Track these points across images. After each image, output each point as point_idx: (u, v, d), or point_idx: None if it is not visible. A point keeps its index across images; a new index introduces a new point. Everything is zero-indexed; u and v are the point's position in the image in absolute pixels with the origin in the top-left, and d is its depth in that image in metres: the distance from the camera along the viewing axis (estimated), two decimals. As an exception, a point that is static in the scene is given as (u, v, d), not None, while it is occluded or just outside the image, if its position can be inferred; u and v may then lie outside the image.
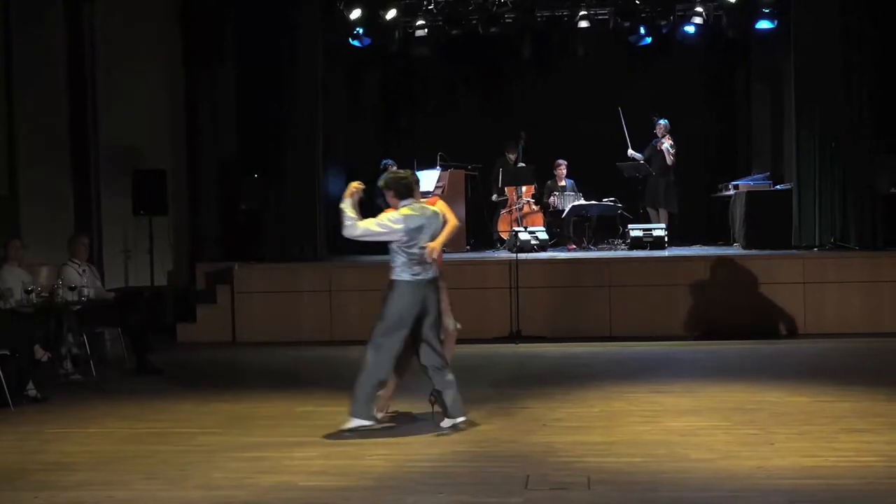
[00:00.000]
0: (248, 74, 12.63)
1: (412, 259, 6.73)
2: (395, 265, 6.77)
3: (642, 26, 13.92)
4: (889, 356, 9.66)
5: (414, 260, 6.73)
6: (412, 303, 6.76)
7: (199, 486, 5.62)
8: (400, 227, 6.71)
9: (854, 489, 5.30)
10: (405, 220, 6.73)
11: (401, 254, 6.74)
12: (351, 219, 6.69)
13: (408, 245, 6.73)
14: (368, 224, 6.71)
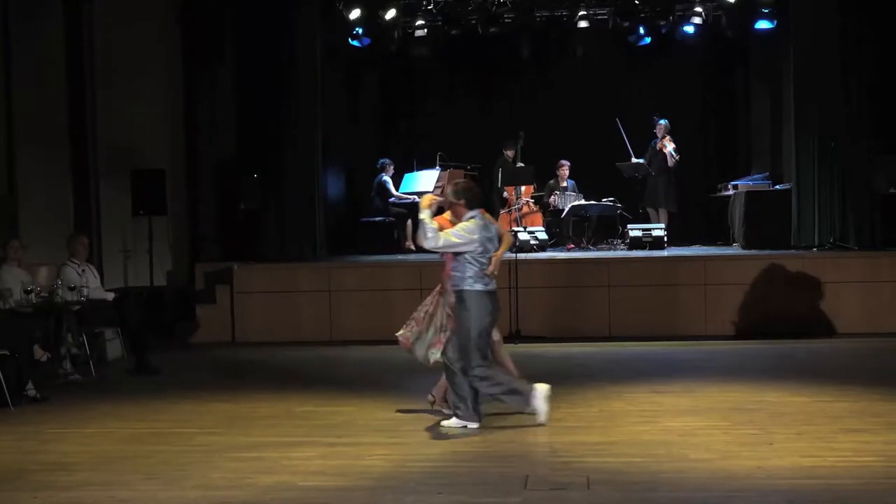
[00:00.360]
0: (248, 74, 12.63)
1: (483, 269, 6.81)
2: (466, 276, 6.80)
3: (641, 26, 13.95)
4: (888, 356, 9.66)
5: (485, 269, 6.82)
6: (489, 311, 6.86)
7: (198, 486, 5.62)
8: (476, 238, 6.78)
9: (852, 489, 5.30)
10: (480, 230, 6.81)
11: (474, 264, 6.79)
12: (433, 230, 6.72)
13: (481, 255, 6.80)
14: (448, 236, 6.76)
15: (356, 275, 11.66)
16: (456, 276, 6.85)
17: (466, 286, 6.80)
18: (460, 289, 6.82)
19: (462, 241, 6.76)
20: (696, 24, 13.57)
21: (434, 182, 13.68)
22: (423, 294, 11.26)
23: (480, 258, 6.80)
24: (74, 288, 9.13)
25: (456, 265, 6.85)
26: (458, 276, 6.84)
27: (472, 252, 6.76)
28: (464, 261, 6.80)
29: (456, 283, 6.85)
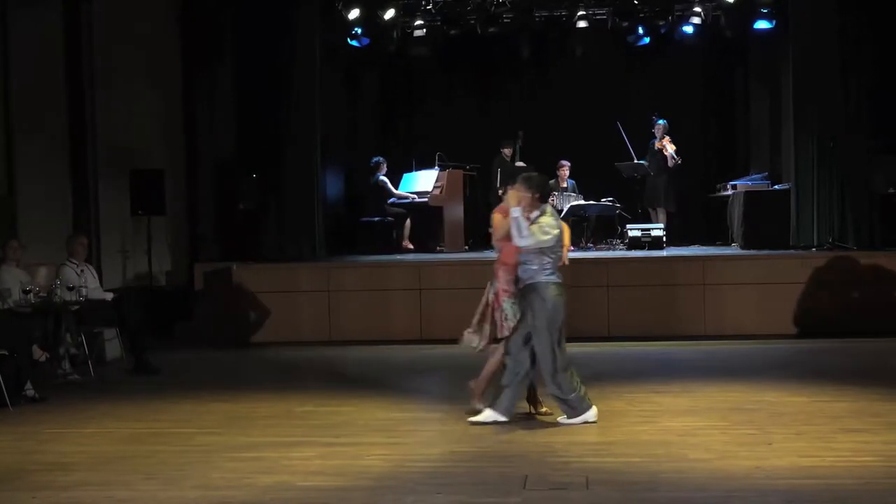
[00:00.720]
0: (247, 74, 12.63)
1: (556, 262, 6.80)
2: (544, 268, 6.74)
3: (641, 26, 13.95)
4: (887, 356, 9.66)
5: (556, 263, 6.80)
6: (563, 304, 6.82)
7: (197, 486, 5.62)
8: (557, 233, 6.77)
9: (851, 489, 5.30)
10: (557, 223, 6.81)
11: (549, 256, 6.75)
12: (527, 228, 6.66)
13: (555, 249, 6.79)
14: (537, 233, 6.69)
15: (355, 275, 11.66)
16: (530, 268, 6.76)
17: (543, 278, 6.74)
18: (535, 281, 6.75)
19: (549, 237, 6.71)
20: (695, 24, 13.58)
21: (433, 182, 13.69)
22: (423, 294, 11.40)
23: (557, 250, 6.79)
24: (73, 288, 9.13)
25: (528, 258, 6.75)
26: (532, 269, 6.76)
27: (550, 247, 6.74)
28: (539, 252, 6.73)
29: (530, 275, 6.76)
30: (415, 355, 10.37)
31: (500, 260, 7.03)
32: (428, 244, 13.73)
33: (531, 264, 6.76)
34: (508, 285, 6.94)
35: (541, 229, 6.71)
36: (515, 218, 6.68)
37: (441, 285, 11.42)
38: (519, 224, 6.65)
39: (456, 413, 7.46)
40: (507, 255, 6.93)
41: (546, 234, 6.70)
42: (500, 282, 6.97)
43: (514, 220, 6.68)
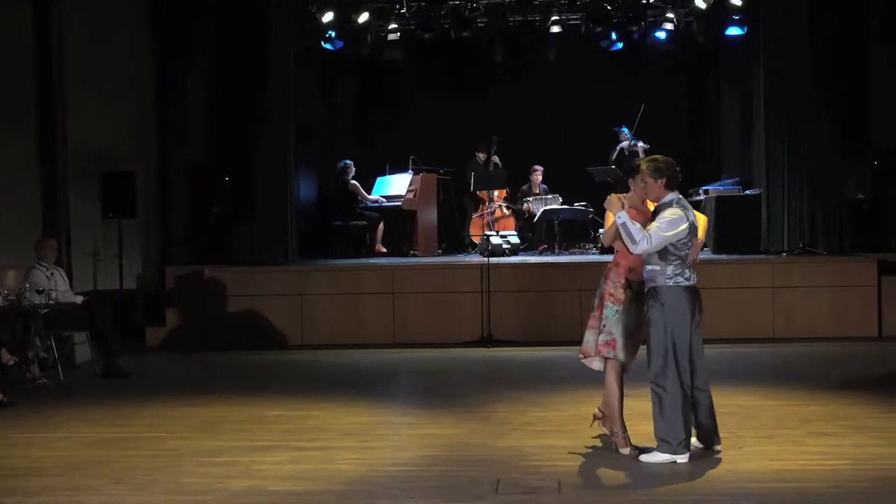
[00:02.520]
0: (220, 76, 12.58)
1: (685, 260, 5.85)
2: (667, 269, 5.83)
3: (614, 32, 14.02)
4: (856, 360, 9.75)
5: (685, 261, 5.86)
6: (691, 310, 5.87)
7: (167, 490, 5.58)
8: (685, 227, 5.81)
9: (821, 492, 5.34)
10: (687, 214, 5.84)
11: (675, 254, 5.81)
12: (640, 231, 5.75)
13: (685, 245, 5.85)
14: (658, 232, 5.75)
15: (328, 279, 11.63)
16: (653, 269, 5.86)
17: (667, 282, 5.83)
18: (657, 285, 5.84)
19: (673, 232, 5.75)
20: (667, 29, 13.66)
21: (407, 186, 13.68)
22: (396, 298, 11.39)
23: (684, 247, 5.82)
24: (43, 291, 9.04)
25: (653, 258, 5.84)
26: (654, 270, 5.85)
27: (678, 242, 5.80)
28: (664, 253, 5.80)
29: (652, 278, 5.87)
30: (387, 359, 10.35)
31: (614, 258, 6.22)
32: (401, 248, 13.73)
33: (653, 264, 5.86)
34: (616, 289, 6.10)
35: (661, 227, 5.75)
36: (622, 224, 5.78)
37: (414, 289, 11.42)
38: (628, 230, 5.75)
39: (428, 417, 7.46)
40: (621, 254, 6.09)
41: (669, 230, 5.74)
42: (608, 285, 6.16)
43: (622, 226, 5.78)
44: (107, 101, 12.42)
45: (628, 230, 5.76)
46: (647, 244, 5.73)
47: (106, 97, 12.40)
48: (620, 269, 6.14)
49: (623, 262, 6.12)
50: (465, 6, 13.65)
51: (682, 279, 5.85)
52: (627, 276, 6.11)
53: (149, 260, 12.74)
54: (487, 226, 13.54)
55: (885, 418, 7.07)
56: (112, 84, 12.46)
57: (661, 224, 5.78)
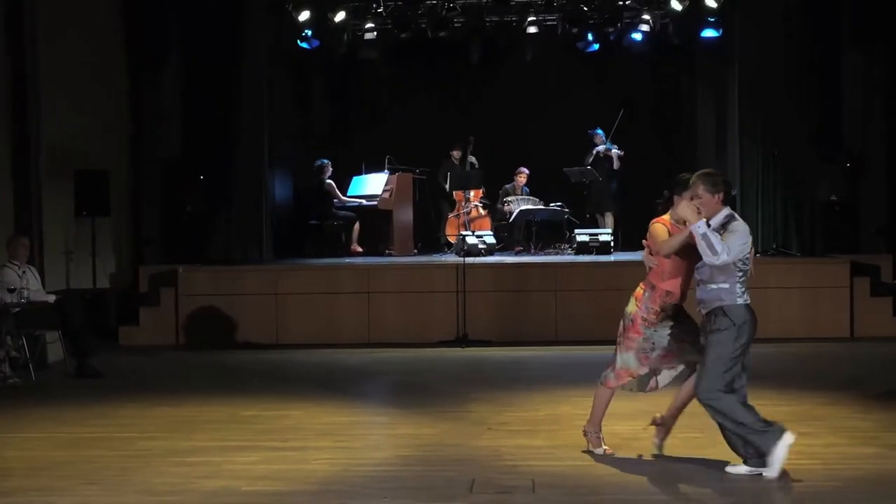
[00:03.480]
0: (194, 74, 12.51)
1: (744, 277, 5.66)
2: (736, 287, 5.61)
3: (590, 33, 14.05)
4: (827, 360, 9.83)
5: (745, 278, 5.68)
6: (751, 333, 5.68)
7: (139, 491, 5.54)
8: (749, 241, 5.67)
9: (794, 491, 5.38)
10: (747, 230, 5.68)
11: (739, 271, 5.62)
12: (721, 242, 5.51)
13: (748, 260, 5.68)
14: (732, 244, 5.53)
15: (303, 278, 11.59)
16: (719, 288, 5.61)
17: (737, 300, 5.61)
18: (726, 304, 5.60)
19: (744, 244, 5.60)
20: (643, 31, 13.71)
21: (383, 185, 13.67)
22: (371, 298, 11.37)
23: (747, 262, 5.65)
24: (14, 290, 8.96)
25: (713, 275, 5.61)
26: (721, 289, 5.60)
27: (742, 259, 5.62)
28: (730, 269, 5.58)
29: (718, 297, 5.62)
30: (363, 359, 10.33)
31: (647, 280, 6.00)
32: (377, 248, 13.71)
33: (721, 283, 5.61)
34: (651, 314, 5.95)
35: (740, 237, 5.57)
36: (703, 234, 5.50)
37: (390, 289, 11.41)
38: (710, 240, 5.49)
39: (403, 417, 7.46)
40: (659, 276, 5.91)
41: (742, 241, 5.56)
42: (641, 308, 5.98)
43: (702, 236, 5.50)
44: (80, 98, 12.32)
45: (710, 240, 5.50)
46: (728, 255, 5.51)
47: (79, 95, 12.30)
48: (658, 293, 5.95)
49: (660, 284, 5.94)
50: (442, 6, 13.65)
51: (748, 296, 5.69)
52: (665, 300, 5.96)
53: (122, 259, 12.65)
54: (463, 226, 13.54)
55: (857, 418, 7.13)
56: (85, 82, 12.35)
57: (734, 237, 5.57)
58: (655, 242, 5.89)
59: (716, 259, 5.51)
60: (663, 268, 5.92)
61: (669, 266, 5.90)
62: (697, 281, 5.78)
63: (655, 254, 5.92)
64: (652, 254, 5.98)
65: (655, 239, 5.89)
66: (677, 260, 5.86)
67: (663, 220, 5.99)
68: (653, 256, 5.97)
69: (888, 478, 5.61)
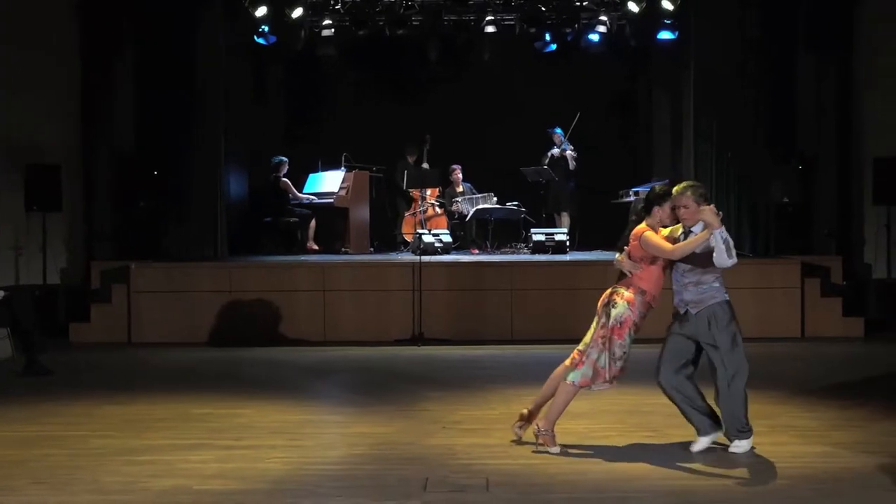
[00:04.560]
0: (149, 69, 12.37)
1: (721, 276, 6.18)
2: (720, 285, 6.15)
3: (548, 33, 14.11)
4: (778, 360, 9.95)
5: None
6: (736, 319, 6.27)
7: (89, 490, 5.47)
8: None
9: (743, 489, 5.44)
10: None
11: (718, 271, 6.11)
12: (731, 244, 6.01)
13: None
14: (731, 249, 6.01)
15: (258, 275, 11.51)
16: (711, 287, 6.11)
17: (725, 296, 6.18)
18: (719, 301, 6.14)
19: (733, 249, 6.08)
20: (600, 32, 13.78)
21: (339, 183, 13.62)
22: (327, 296, 11.33)
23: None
24: (-38, 286, 8.80)
25: (707, 277, 6.08)
26: (714, 287, 6.11)
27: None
28: (712, 271, 6.08)
29: (711, 296, 6.11)
30: (318, 357, 10.29)
31: (633, 285, 6.15)
32: (333, 245, 13.66)
33: (711, 282, 6.10)
34: (640, 319, 6.20)
35: (729, 244, 6.03)
36: (726, 239, 5.96)
37: (345, 287, 11.37)
38: (730, 244, 5.97)
39: (358, 416, 7.44)
40: (644, 281, 6.13)
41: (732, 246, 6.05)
42: (634, 313, 6.14)
43: (726, 241, 5.94)
44: (31, 91, 12.16)
45: (729, 245, 5.96)
46: (734, 259, 6.01)
47: (30, 88, 12.14)
48: (647, 298, 6.17)
49: (649, 289, 6.15)
50: (400, 4, 13.63)
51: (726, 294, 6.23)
52: (651, 305, 6.21)
53: (73, 255, 12.48)
54: (420, 224, 13.54)
55: (806, 417, 7.23)
56: (37, 74, 12.20)
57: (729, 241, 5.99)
58: (658, 248, 6.06)
59: (731, 262, 5.98)
60: (651, 274, 6.12)
61: (657, 272, 6.13)
62: (685, 284, 6.14)
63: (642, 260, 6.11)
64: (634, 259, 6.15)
65: (657, 245, 6.07)
66: (662, 267, 6.15)
67: (646, 228, 6.16)
68: (638, 263, 6.14)
69: (836, 476, 5.70)
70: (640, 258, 6.14)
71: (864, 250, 12.58)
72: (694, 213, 6.01)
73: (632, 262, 6.18)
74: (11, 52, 12.05)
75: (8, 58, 12.05)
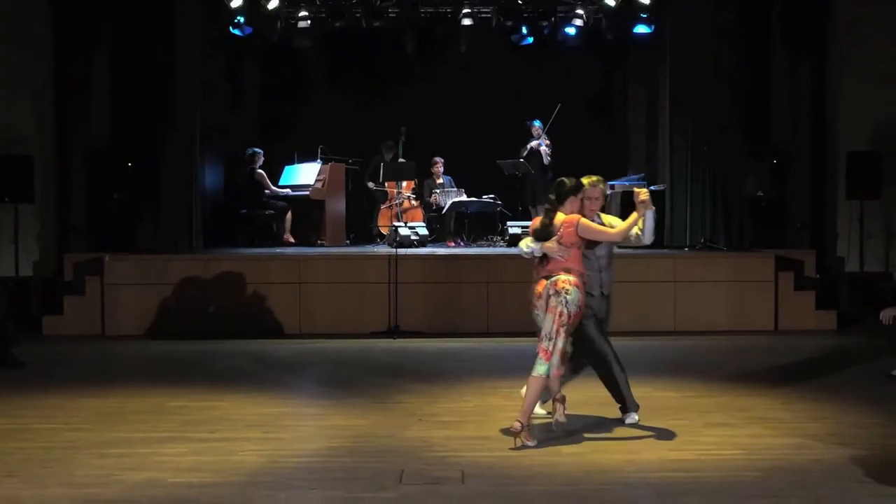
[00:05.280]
0: (124, 61, 12.26)
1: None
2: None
3: (524, 26, 14.11)
4: (752, 353, 10.02)
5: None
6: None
7: (62, 483, 5.44)
8: None
9: (716, 481, 5.48)
10: None
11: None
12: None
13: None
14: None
15: (233, 268, 11.44)
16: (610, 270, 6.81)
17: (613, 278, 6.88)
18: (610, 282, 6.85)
19: None
20: (577, 25, 13.80)
21: (315, 175, 13.57)
22: (303, 288, 11.29)
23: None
24: (-68, 277, 8.70)
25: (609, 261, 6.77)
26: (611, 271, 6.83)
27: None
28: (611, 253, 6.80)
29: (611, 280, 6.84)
30: (293, 349, 10.26)
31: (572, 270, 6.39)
32: (309, 238, 13.62)
33: (611, 266, 6.81)
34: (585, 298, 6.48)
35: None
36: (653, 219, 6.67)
37: (321, 279, 11.34)
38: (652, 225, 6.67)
39: (334, 408, 7.43)
40: (577, 263, 6.45)
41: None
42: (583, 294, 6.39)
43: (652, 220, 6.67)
44: (4, 81, 12.03)
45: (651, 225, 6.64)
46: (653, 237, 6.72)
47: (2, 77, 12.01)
48: (583, 279, 6.44)
49: (582, 271, 6.47)
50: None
51: None
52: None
53: (46, 247, 12.37)
54: (396, 217, 13.52)
55: (780, 409, 7.29)
56: (9, 64, 12.06)
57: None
58: (601, 232, 6.52)
59: (648, 240, 6.69)
60: (577, 258, 6.45)
61: (580, 256, 6.49)
62: (606, 266, 6.76)
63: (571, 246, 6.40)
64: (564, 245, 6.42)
65: (599, 230, 6.53)
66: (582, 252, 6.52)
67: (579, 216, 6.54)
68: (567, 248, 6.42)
69: (808, 467, 5.75)
70: (570, 244, 6.43)
71: (838, 244, 12.68)
72: (600, 202, 6.66)
73: (561, 247, 6.42)
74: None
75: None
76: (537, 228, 6.54)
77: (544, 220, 6.52)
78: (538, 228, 6.53)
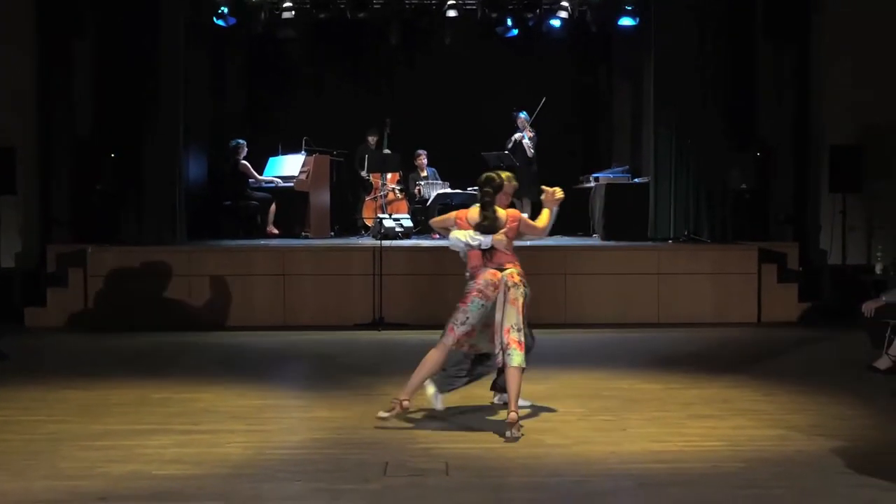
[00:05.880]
0: (108, 49, 12.18)
1: None
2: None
3: (509, 18, 14.10)
4: (735, 345, 10.07)
5: None
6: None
7: (45, 476, 5.41)
8: None
9: (699, 472, 5.51)
10: None
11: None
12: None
13: None
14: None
15: (216, 259, 11.43)
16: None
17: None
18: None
19: None
20: (562, 17, 13.80)
21: (299, 167, 13.55)
22: (286, 280, 11.27)
23: None
24: (-86, 269, 8.65)
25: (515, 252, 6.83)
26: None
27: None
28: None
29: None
30: (277, 341, 10.25)
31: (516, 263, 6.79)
32: (293, 230, 13.59)
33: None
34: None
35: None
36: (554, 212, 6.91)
37: (305, 271, 11.32)
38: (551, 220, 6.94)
39: (318, 400, 7.42)
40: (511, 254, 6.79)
41: None
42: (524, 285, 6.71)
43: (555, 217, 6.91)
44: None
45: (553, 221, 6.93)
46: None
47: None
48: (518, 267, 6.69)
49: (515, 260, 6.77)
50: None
51: None
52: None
53: (29, 238, 12.30)
54: (380, 209, 13.51)
55: (763, 401, 7.33)
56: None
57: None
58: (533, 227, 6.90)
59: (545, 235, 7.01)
60: (510, 250, 6.70)
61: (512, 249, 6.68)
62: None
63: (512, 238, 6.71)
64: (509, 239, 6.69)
65: (533, 225, 6.90)
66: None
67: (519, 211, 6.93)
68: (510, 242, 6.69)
69: (790, 458, 5.79)
70: (512, 237, 6.70)
71: (820, 237, 12.74)
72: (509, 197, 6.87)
73: (508, 240, 6.68)
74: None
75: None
76: (485, 222, 6.64)
77: (489, 214, 6.64)
78: (486, 221, 6.63)
